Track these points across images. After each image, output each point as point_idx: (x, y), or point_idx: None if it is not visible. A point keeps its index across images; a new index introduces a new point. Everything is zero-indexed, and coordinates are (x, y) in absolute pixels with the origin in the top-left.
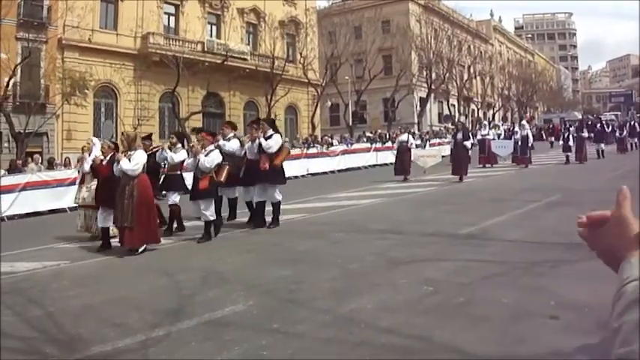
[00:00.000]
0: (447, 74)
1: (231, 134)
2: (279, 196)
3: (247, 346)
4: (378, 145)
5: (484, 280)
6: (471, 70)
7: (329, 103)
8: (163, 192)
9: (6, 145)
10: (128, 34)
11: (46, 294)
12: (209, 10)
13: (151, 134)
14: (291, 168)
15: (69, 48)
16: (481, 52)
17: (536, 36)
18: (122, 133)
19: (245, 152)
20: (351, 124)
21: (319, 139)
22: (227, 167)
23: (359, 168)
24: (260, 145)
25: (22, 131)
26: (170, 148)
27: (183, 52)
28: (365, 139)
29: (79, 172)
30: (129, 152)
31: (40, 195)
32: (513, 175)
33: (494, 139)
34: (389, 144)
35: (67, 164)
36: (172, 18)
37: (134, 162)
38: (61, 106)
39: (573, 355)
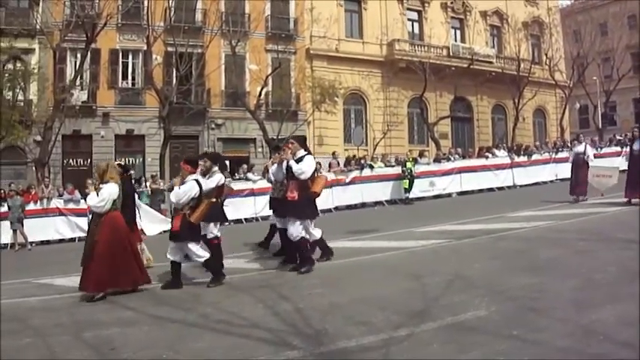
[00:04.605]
0: None
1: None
2: (317, 233)
3: (485, 351)
4: (626, 149)
5: None
6: None
7: (577, 105)
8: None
9: (260, 149)
10: (374, 41)
11: (295, 291)
12: (452, 15)
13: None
14: (540, 173)
15: (317, 57)
16: None
17: None
18: (94, 165)
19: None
20: (600, 126)
21: (568, 142)
22: (206, 204)
23: None
24: (289, 169)
25: (274, 137)
26: (205, 174)
27: (429, 57)
28: (615, 143)
29: None
30: (100, 185)
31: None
32: None
33: None
34: None
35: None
36: (416, 24)
37: (100, 197)
38: (312, 113)
39: None
